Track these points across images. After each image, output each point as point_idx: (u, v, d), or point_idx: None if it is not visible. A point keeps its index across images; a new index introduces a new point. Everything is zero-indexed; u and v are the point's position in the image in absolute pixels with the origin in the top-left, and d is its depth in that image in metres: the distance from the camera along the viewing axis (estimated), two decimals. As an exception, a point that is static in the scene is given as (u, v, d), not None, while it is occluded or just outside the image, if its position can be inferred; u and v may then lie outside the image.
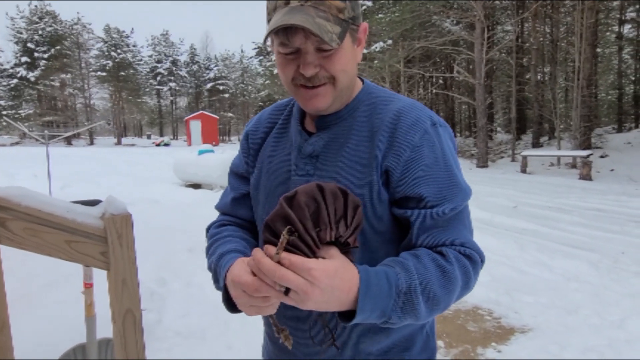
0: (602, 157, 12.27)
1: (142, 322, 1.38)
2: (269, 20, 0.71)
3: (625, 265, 3.80)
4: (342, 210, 0.61)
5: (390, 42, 16.31)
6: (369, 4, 17.47)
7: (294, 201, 0.59)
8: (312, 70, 0.68)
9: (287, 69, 0.71)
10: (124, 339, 1.34)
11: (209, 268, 0.80)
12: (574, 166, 11.56)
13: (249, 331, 2.50)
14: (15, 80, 37.11)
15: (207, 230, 0.91)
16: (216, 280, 0.77)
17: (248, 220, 0.90)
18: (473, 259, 0.71)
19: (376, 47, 16.30)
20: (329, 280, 0.56)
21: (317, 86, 0.70)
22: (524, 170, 11.47)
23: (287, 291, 0.57)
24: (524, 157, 11.72)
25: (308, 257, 0.57)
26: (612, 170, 10.53)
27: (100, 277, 1.47)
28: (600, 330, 2.63)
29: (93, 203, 1.33)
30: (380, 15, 16.34)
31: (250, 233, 0.89)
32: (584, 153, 10.40)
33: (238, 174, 0.92)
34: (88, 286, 1.53)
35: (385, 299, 0.60)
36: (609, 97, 22.28)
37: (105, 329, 1.56)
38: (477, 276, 0.72)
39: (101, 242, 1.27)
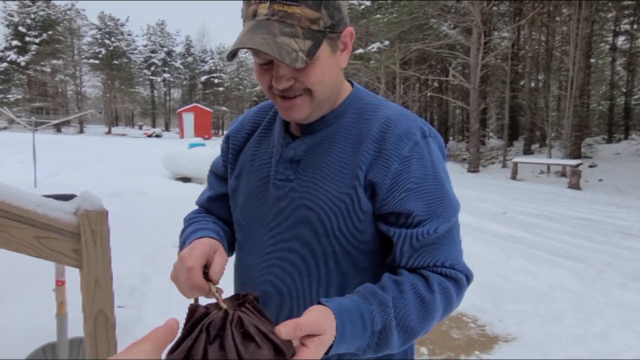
0: (591, 166, 12.41)
1: (115, 324, 1.32)
2: None
3: (610, 276, 3.83)
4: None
5: (387, 42, 16.30)
6: (367, 3, 17.45)
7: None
8: (285, 83, 0.64)
9: (263, 78, 0.67)
10: (94, 341, 1.29)
11: (181, 235, 0.82)
12: (563, 175, 11.67)
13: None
14: (4, 64, 36.37)
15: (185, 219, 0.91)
16: (182, 244, 0.78)
17: (222, 219, 0.89)
18: (459, 282, 0.68)
19: (373, 48, 16.28)
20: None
21: (293, 97, 0.66)
22: (514, 177, 11.55)
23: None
24: (515, 164, 11.81)
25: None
26: (600, 180, 10.65)
27: (73, 274, 1.41)
28: (583, 340, 2.64)
29: (67, 197, 1.27)
30: (378, 16, 16.30)
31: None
32: (574, 162, 10.51)
33: (217, 175, 0.90)
34: (60, 283, 1.47)
35: (360, 339, 0.59)
36: (600, 107, 22.55)
37: (78, 327, 1.51)
38: (462, 297, 0.70)
39: (74, 238, 1.21)
